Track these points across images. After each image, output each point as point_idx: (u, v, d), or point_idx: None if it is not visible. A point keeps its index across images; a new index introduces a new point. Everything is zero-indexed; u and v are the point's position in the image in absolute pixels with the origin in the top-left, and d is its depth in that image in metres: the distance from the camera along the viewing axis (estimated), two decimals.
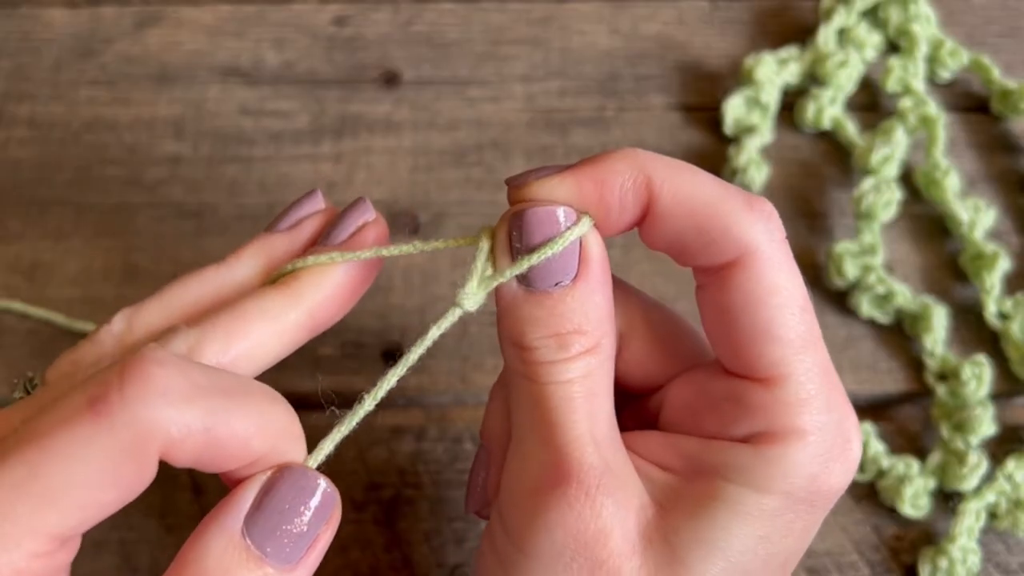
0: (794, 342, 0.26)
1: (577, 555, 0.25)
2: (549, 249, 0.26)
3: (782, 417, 0.26)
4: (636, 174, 0.26)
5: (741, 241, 0.26)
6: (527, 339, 0.26)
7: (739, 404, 0.26)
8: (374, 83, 0.50)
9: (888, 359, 0.43)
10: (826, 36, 0.50)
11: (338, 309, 0.29)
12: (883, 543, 0.40)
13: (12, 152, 0.48)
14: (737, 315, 0.26)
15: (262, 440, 0.24)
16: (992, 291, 0.43)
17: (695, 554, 0.25)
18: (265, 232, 0.30)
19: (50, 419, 0.22)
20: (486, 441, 0.30)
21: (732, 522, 0.25)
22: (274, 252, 0.29)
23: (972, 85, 0.50)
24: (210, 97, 0.50)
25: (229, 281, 0.28)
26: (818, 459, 0.26)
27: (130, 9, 0.53)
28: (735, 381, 0.27)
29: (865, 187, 0.45)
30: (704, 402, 0.28)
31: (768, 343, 0.26)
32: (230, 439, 0.23)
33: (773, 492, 0.26)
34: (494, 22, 0.52)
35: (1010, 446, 0.41)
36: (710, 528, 0.25)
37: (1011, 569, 0.39)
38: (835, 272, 0.44)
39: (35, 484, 0.21)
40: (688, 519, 0.26)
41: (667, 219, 0.26)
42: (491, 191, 0.47)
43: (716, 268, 0.26)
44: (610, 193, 0.26)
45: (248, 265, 0.29)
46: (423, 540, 0.40)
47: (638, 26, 0.52)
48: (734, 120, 0.48)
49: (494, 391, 0.30)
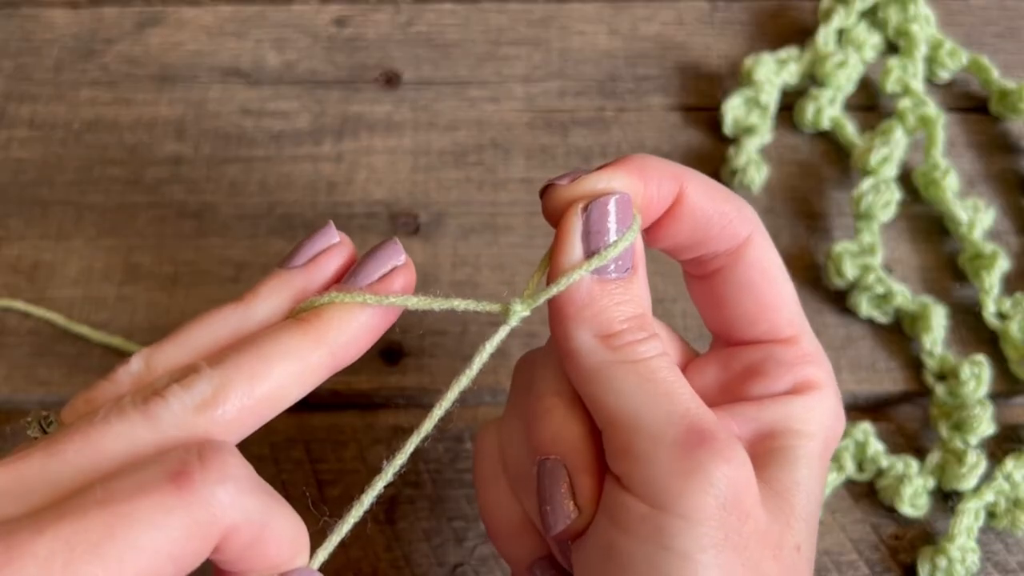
0: (794, 302, 0.31)
1: (731, 508, 0.26)
2: (632, 235, 0.27)
3: (808, 367, 0.30)
4: (670, 169, 0.29)
5: (751, 220, 0.30)
6: (616, 325, 0.27)
7: (776, 363, 0.30)
8: (374, 83, 0.50)
9: (887, 359, 0.43)
10: (825, 37, 0.50)
11: (359, 350, 0.28)
12: (882, 542, 0.40)
13: (13, 152, 0.48)
14: (760, 283, 0.30)
15: (292, 546, 0.25)
16: (991, 291, 0.43)
17: (795, 498, 0.28)
18: (281, 268, 0.29)
19: (128, 486, 0.22)
20: (559, 454, 0.28)
21: (809, 463, 0.29)
22: (293, 290, 0.28)
23: (971, 85, 0.50)
24: (211, 97, 0.50)
25: (248, 321, 0.28)
26: (836, 403, 0.30)
27: (131, 9, 0.53)
28: (761, 347, 0.30)
29: (864, 187, 0.45)
30: (737, 374, 0.31)
31: (785, 304, 0.30)
32: (274, 538, 0.24)
33: (818, 436, 0.29)
34: (494, 23, 0.52)
35: (1009, 445, 0.41)
36: (794, 471, 0.28)
37: (1010, 568, 0.39)
38: (834, 272, 0.44)
39: (111, 546, 0.22)
40: (778, 470, 0.28)
41: (695, 209, 0.29)
42: (491, 191, 0.47)
43: (729, 251, 0.30)
44: (652, 185, 0.28)
45: (268, 304, 0.28)
46: (423, 539, 0.40)
47: (638, 27, 0.52)
48: (733, 120, 0.48)
49: (550, 403, 0.29)
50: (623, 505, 0.26)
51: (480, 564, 0.39)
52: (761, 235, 0.30)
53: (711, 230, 0.29)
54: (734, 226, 0.29)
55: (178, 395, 0.24)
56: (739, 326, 0.31)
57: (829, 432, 0.30)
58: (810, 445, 0.29)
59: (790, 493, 0.28)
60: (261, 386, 0.26)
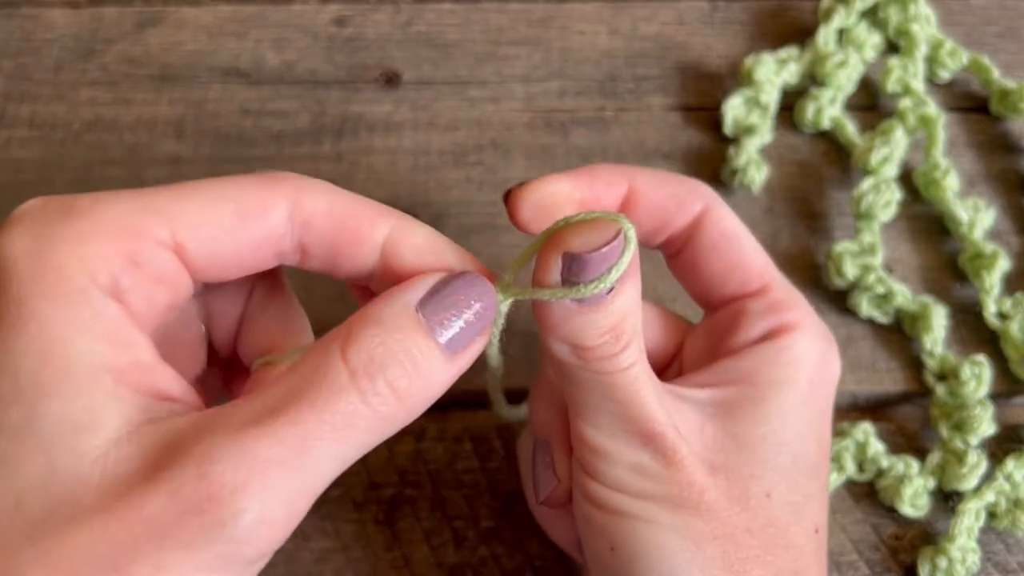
0: (762, 255, 0.33)
1: (686, 491, 0.29)
2: (613, 274, 0.26)
3: (782, 312, 0.32)
4: (619, 169, 0.32)
5: (704, 195, 0.33)
6: (589, 341, 0.28)
7: (748, 314, 0.32)
8: (374, 83, 0.50)
9: (888, 359, 0.43)
10: (825, 36, 0.50)
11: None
12: (882, 542, 0.40)
13: (13, 152, 0.48)
14: (723, 245, 0.33)
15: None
16: (991, 291, 0.43)
17: (762, 450, 0.30)
18: None
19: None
20: (543, 435, 0.33)
21: (782, 413, 0.30)
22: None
23: (971, 85, 0.50)
24: (211, 97, 0.50)
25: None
26: (819, 344, 0.32)
27: (131, 9, 0.53)
28: (734, 304, 0.33)
29: (864, 187, 0.45)
30: (717, 334, 0.33)
31: (752, 258, 0.33)
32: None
33: (799, 380, 0.31)
34: (494, 23, 0.52)
35: (1009, 446, 0.41)
36: (760, 425, 0.30)
37: (1010, 568, 0.39)
38: (835, 272, 0.44)
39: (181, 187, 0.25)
40: (746, 424, 0.30)
41: (648, 197, 0.32)
42: (491, 191, 0.47)
43: (690, 224, 0.33)
44: (599, 185, 0.32)
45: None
46: (423, 539, 0.40)
47: (638, 26, 0.52)
48: (734, 120, 0.48)
49: (536, 392, 0.34)
50: (586, 486, 0.30)
51: (480, 564, 0.39)
52: (717, 204, 0.33)
53: (668, 212, 0.33)
54: (688, 203, 0.33)
55: None
56: (714, 288, 0.33)
57: (813, 370, 0.31)
58: (786, 393, 0.31)
59: (756, 447, 0.30)
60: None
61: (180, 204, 0.26)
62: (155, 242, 0.25)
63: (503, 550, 0.39)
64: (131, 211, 0.25)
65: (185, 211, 0.25)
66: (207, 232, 0.26)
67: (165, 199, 0.26)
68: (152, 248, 0.25)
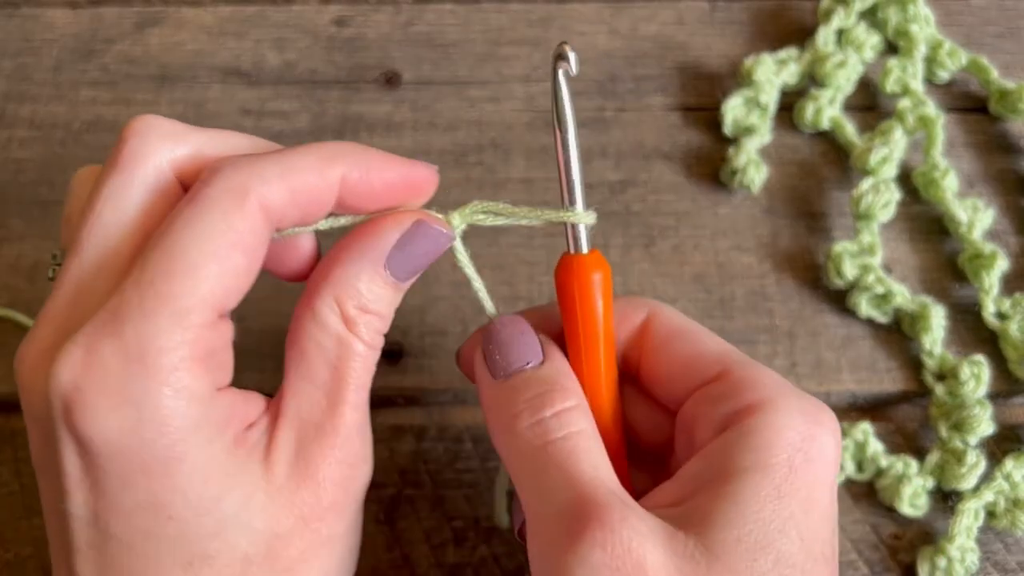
0: (719, 344, 0.31)
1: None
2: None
3: (743, 393, 0.28)
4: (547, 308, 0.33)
5: (643, 304, 0.32)
6: (515, 412, 0.29)
7: (705, 403, 0.30)
8: (374, 83, 0.50)
9: (887, 359, 0.43)
10: (825, 37, 0.50)
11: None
12: (882, 542, 0.40)
13: (14, 152, 0.48)
14: (673, 342, 0.31)
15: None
16: (990, 291, 0.44)
17: (737, 554, 0.26)
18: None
19: (163, 223, 0.27)
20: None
21: (757, 509, 0.26)
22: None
23: (970, 85, 0.50)
24: (211, 97, 0.50)
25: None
26: (797, 422, 0.28)
27: (131, 10, 0.53)
28: (697, 394, 0.30)
29: (864, 187, 0.45)
30: (689, 427, 0.30)
31: (705, 346, 0.31)
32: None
33: (773, 465, 0.27)
34: (494, 23, 0.52)
35: (1008, 445, 0.41)
36: (741, 523, 0.26)
37: (1009, 568, 0.39)
38: (834, 272, 0.44)
39: (177, 264, 0.25)
40: (720, 526, 0.26)
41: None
42: (491, 191, 0.47)
43: (637, 333, 0.32)
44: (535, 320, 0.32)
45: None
46: (423, 539, 0.40)
47: (637, 27, 0.52)
48: (733, 120, 0.48)
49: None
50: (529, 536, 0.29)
51: (480, 564, 0.39)
52: (660, 308, 0.32)
53: (618, 334, 0.32)
54: (629, 314, 0.32)
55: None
56: (676, 388, 0.31)
57: (791, 453, 0.27)
58: (759, 482, 0.27)
59: (731, 554, 0.26)
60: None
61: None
62: (206, 325, 0.26)
63: (503, 550, 0.39)
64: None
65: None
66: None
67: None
68: (204, 331, 0.26)
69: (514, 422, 0.29)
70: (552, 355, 0.31)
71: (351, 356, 0.29)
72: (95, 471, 0.25)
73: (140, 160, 0.28)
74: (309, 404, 0.28)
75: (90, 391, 0.24)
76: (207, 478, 0.26)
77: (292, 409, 0.28)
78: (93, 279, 0.27)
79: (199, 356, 0.25)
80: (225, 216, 0.26)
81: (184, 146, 0.28)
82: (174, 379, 0.25)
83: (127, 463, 0.25)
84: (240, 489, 0.26)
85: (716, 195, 0.47)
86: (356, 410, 0.29)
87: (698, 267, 0.45)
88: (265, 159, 0.28)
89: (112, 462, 0.25)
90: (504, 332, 0.31)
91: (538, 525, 0.28)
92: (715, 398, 0.29)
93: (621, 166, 0.48)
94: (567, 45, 0.29)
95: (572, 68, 0.29)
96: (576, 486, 0.27)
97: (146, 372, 0.24)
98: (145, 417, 0.24)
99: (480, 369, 0.31)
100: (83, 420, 0.24)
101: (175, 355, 0.25)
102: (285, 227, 0.28)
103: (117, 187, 0.27)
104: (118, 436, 0.24)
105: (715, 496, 0.27)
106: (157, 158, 0.28)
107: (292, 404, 0.28)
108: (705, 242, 0.46)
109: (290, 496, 0.27)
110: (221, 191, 0.26)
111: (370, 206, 0.29)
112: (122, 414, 0.24)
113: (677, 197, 0.47)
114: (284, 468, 0.28)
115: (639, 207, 0.47)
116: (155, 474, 0.25)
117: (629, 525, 0.26)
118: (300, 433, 0.28)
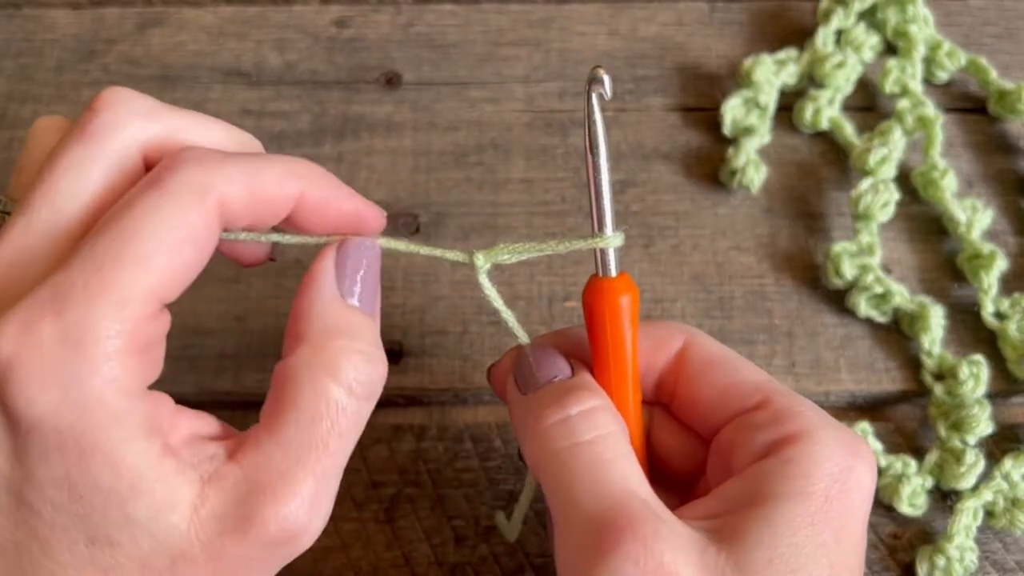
0: (758, 373, 0.31)
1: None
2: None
3: (785, 422, 0.29)
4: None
5: (680, 330, 0.33)
6: (541, 422, 0.29)
7: (748, 429, 0.30)
8: (375, 84, 0.50)
9: (886, 359, 0.44)
10: (824, 37, 0.50)
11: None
12: (881, 541, 0.40)
13: (15, 153, 0.48)
14: (711, 371, 0.31)
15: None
16: (989, 291, 0.44)
17: (767, 575, 0.26)
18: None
19: (118, 203, 0.26)
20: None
21: (791, 533, 0.27)
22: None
23: (969, 86, 0.50)
24: (212, 98, 0.50)
25: None
26: (836, 454, 0.28)
27: (132, 10, 0.53)
28: (736, 421, 0.30)
29: (863, 187, 0.45)
30: (721, 456, 0.31)
31: (745, 374, 0.31)
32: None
33: (811, 493, 0.27)
34: (494, 24, 0.52)
35: (1007, 445, 0.41)
36: (774, 545, 0.26)
37: (1008, 567, 0.39)
38: (833, 272, 0.44)
39: (128, 250, 0.25)
40: (752, 546, 0.27)
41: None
42: (491, 191, 0.47)
43: (674, 362, 0.32)
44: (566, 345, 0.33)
45: None
46: (424, 539, 0.40)
47: (637, 27, 0.52)
48: (732, 121, 0.48)
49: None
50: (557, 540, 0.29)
51: (480, 563, 0.39)
52: (697, 336, 0.32)
53: (648, 355, 0.32)
54: (666, 342, 0.32)
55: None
56: (713, 417, 0.31)
57: (829, 483, 0.28)
58: (796, 508, 0.27)
59: (760, 575, 0.26)
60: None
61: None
62: (147, 317, 0.26)
63: (503, 549, 0.40)
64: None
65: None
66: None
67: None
68: (144, 323, 0.26)
69: (539, 422, 0.29)
70: (580, 372, 0.31)
71: (323, 417, 0.27)
72: (16, 439, 0.25)
73: (108, 134, 0.27)
74: (269, 460, 0.26)
75: (23, 367, 0.24)
76: (119, 473, 0.25)
77: (251, 456, 0.26)
78: (37, 245, 0.26)
79: (135, 349, 0.25)
80: (184, 210, 0.26)
81: (155, 124, 0.28)
82: (107, 368, 0.25)
83: (46, 440, 0.25)
84: (153, 498, 0.25)
85: (715, 195, 0.47)
86: (319, 479, 0.27)
87: (697, 267, 0.45)
88: (232, 159, 0.28)
89: (32, 435, 0.25)
90: (534, 354, 0.32)
91: (566, 533, 0.27)
92: (755, 426, 0.30)
93: (621, 166, 0.48)
94: (601, 69, 0.29)
95: (607, 92, 0.29)
96: (607, 494, 0.27)
97: (81, 357, 0.24)
98: (70, 400, 0.24)
99: (511, 389, 0.32)
100: (12, 394, 0.24)
101: (111, 344, 0.25)
102: (233, 229, 0.28)
103: (80, 158, 0.27)
104: (41, 414, 0.24)
105: (750, 517, 0.27)
106: (125, 134, 0.28)
107: (254, 451, 0.26)
108: (704, 242, 0.46)
109: (212, 537, 0.26)
110: (183, 184, 0.26)
111: (317, 228, 0.30)
112: (50, 394, 0.24)
113: (676, 197, 0.47)
114: (217, 509, 0.26)
115: (638, 207, 0.47)
116: (71, 455, 0.25)
117: (662, 538, 0.26)
118: (250, 485, 0.26)
